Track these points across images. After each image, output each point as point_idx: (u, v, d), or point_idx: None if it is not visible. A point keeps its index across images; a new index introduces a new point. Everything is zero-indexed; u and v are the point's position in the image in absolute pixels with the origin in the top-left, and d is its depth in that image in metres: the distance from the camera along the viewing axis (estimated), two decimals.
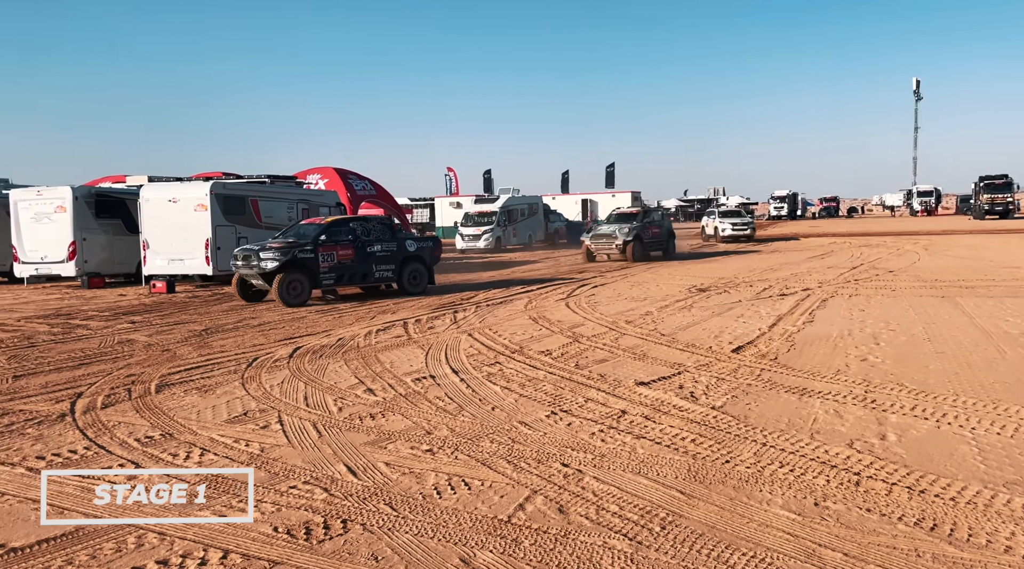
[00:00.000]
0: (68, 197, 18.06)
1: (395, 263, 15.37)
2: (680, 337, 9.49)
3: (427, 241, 16.60)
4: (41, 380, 7.69)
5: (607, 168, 57.92)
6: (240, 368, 8.16)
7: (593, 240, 24.03)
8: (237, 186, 19.63)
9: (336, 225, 15.09)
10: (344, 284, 14.93)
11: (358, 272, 14.82)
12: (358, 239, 14.88)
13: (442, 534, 3.83)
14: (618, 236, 23.22)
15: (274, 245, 14.19)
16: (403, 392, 6.93)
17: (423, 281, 15.93)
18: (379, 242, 15.21)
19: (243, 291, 14.76)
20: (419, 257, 15.93)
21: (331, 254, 14.42)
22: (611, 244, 23.39)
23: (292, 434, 5.68)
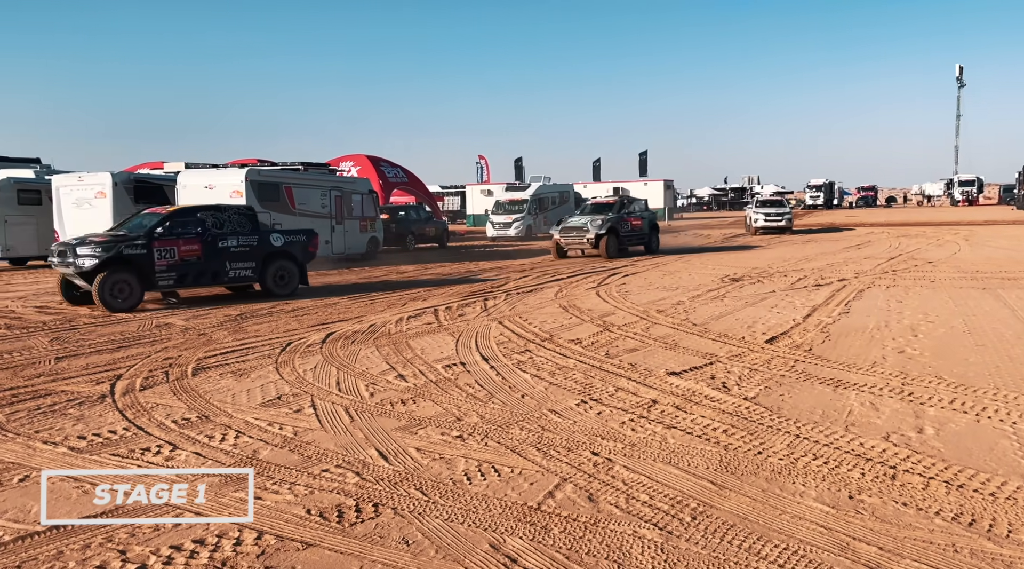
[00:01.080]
0: (108, 183, 18.42)
1: (255, 260, 13.24)
2: (712, 327, 9.40)
3: (298, 235, 14.24)
4: (82, 362, 7.88)
5: (640, 155, 57.46)
6: (274, 353, 8.28)
7: (563, 233, 21.25)
8: (272, 173, 19.88)
9: (179, 215, 12.77)
10: (189, 285, 12.77)
11: (207, 271, 12.70)
12: (207, 232, 12.76)
13: (472, 520, 3.85)
14: (590, 229, 20.60)
15: (96, 239, 12.11)
16: (434, 379, 6.97)
17: (293, 281, 13.74)
18: (235, 236, 13.07)
19: (67, 293, 12.45)
20: (287, 253, 13.72)
21: (170, 250, 12.24)
22: (582, 238, 20.76)
23: (325, 418, 5.75)
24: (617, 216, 21.35)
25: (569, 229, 21.08)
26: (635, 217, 22.14)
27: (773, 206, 33.33)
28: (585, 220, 21.02)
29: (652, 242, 23.09)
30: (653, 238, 23.22)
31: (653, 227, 23.24)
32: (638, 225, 22.17)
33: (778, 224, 31.49)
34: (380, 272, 18.50)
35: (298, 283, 13.91)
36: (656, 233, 23.47)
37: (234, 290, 13.94)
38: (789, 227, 31.64)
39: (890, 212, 58.29)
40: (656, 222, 23.63)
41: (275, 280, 13.55)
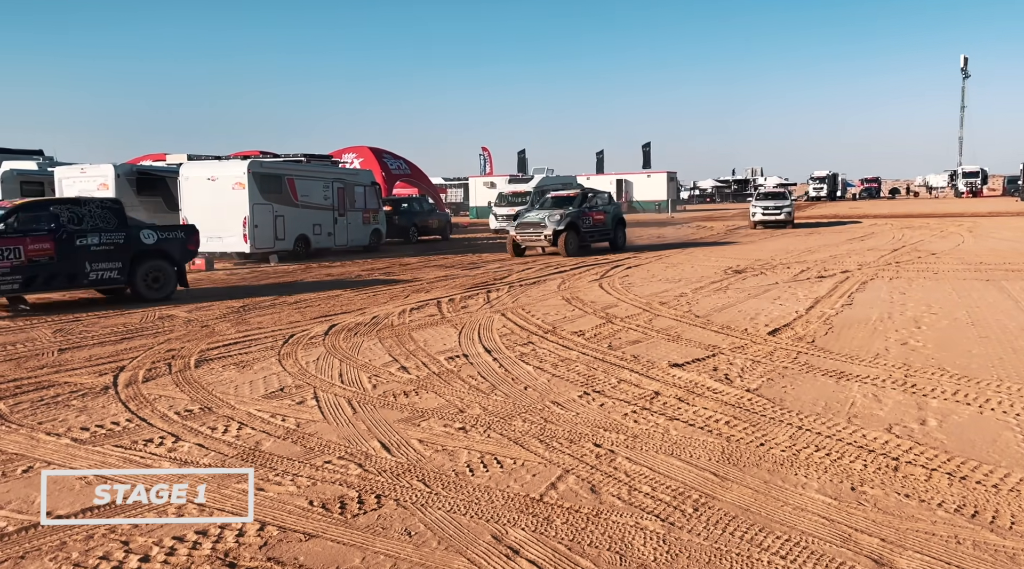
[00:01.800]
0: (110, 175, 18.42)
1: (122, 260, 11.67)
2: (715, 319, 9.39)
3: (175, 231, 12.82)
4: (85, 354, 7.89)
5: (643, 147, 57.34)
6: (277, 344, 8.28)
7: (519, 229, 19.33)
8: (274, 165, 19.86)
9: (26, 210, 11.09)
10: (40, 289, 11.11)
11: (61, 272, 11.05)
12: (62, 228, 11.09)
13: (474, 511, 3.85)
14: (547, 224, 18.76)
15: None
16: (436, 370, 6.97)
17: (168, 284, 12.25)
18: (97, 232, 11.43)
19: None
20: (161, 252, 12.21)
21: (14, 249, 10.58)
22: (539, 234, 18.92)
23: (327, 410, 5.76)
24: (578, 210, 19.50)
25: (526, 225, 19.22)
26: (597, 212, 20.24)
27: (773, 199, 31.76)
28: (543, 215, 19.08)
29: (618, 238, 21.21)
30: (619, 234, 21.34)
31: (619, 222, 21.42)
32: (601, 220, 20.28)
33: (776, 217, 30.23)
34: (382, 264, 18.51)
35: (175, 285, 12.41)
36: (622, 228, 21.62)
37: (105, 293, 12.45)
38: (789, 220, 30.24)
39: (893, 204, 58.12)
40: (622, 217, 21.86)
41: (147, 282, 12.01)
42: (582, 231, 19.33)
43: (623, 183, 49.71)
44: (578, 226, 19.19)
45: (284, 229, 18.91)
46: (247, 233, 17.90)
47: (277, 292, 13.00)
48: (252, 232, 17.96)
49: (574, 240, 18.98)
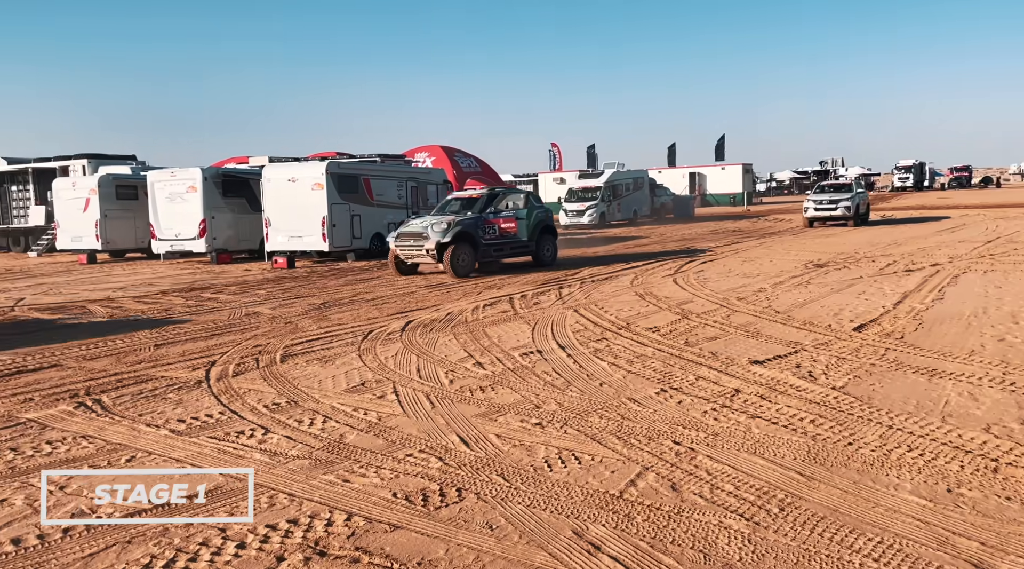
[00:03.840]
0: (198, 178, 19.24)
1: None
2: (796, 315, 9.13)
3: None
4: (179, 349, 8.28)
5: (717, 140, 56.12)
6: (356, 340, 8.50)
7: (398, 241, 15.15)
8: (350, 165, 20.35)
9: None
10: None
11: None
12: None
13: (554, 506, 3.87)
14: (430, 235, 14.46)
15: None
16: (511, 366, 7.02)
17: None
18: None
19: None
20: None
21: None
22: (420, 247, 14.64)
23: (407, 404, 5.88)
24: (475, 217, 15.10)
25: (407, 235, 14.99)
26: (505, 218, 15.59)
27: (832, 191, 26.83)
28: (427, 223, 14.88)
29: (543, 252, 16.37)
30: (545, 247, 16.46)
31: (545, 231, 16.52)
32: (510, 229, 15.60)
33: (831, 213, 25.29)
34: None
35: None
36: (551, 239, 16.75)
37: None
38: (852, 216, 25.10)
39: (986, 193, 55.14)
40: (551, 224, 16.94)
41: None
42: (482, 243, 15.03)
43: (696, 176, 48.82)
44: (473, 237, 14.81)
45: (360, 228, 19.35)
46: (325, 232, 18.40)
47: (355, 289, 13.32)
48: (330, 231, 18.46)
49: (467, 256, 14.65)
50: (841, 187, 27.39)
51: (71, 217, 21.25)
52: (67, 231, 21.52)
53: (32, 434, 5.31)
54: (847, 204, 25.09)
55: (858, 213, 25.53)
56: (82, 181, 21.55)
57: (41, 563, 3.41)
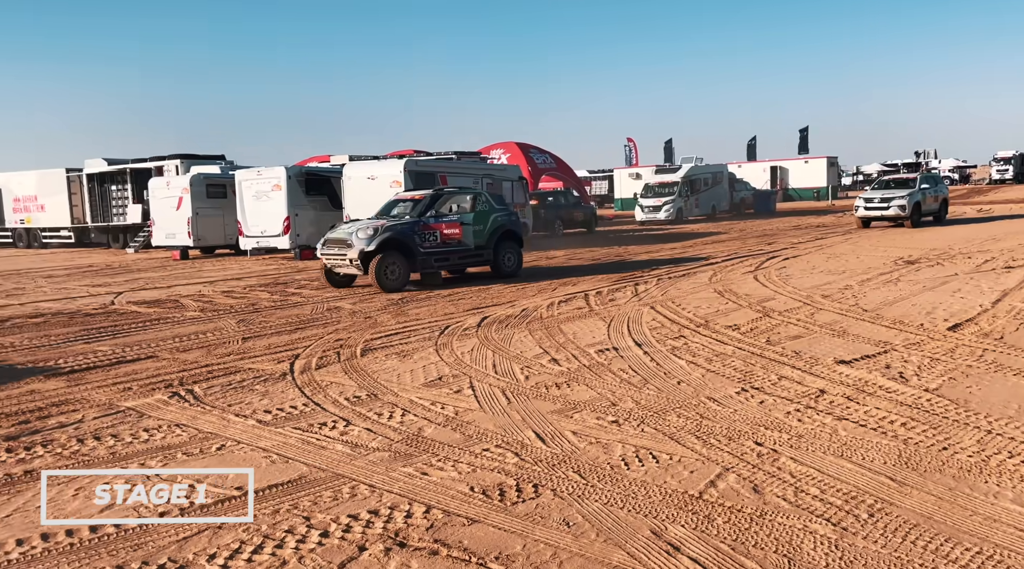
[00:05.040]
0: (283, 176, 19.89)
1: None
2: (885, 313, 8.76)
3: None
4: (265, 342, 8.59)
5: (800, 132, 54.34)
6: (433, 335, 8.62)
7: (324, 249, 13.44)
8: (428, 163, 20.65)
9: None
10: None
11: None
12: None
13: (632, 505, 3.83)
14: (355, 242, 12.61)
15: None
16: (587, 363, 6.99)
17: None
18: None
19: None
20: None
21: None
22: (343, 256, 12.88)
23: (483, 399, 5.93)
24: (410, 222, 13.06)
25: (332, 242, 13.23)
26: (449, 223, 13.46)
27: (890, 188, 23.68)
28: (353, 229, 12.95)
29: (502, 261, 14.21)
30: (505, 255, 14.27)
31: (506, 237, 14.30)
32: (454, 236, 13.49)
33: (882, 212, 22.50)
34: (529, 257, 18.74)
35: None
36: (514, 247, 14.55)
37: None
38: (907, 216, 22.13)
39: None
40: (514, 229, 14.63)
41: None
42: (420, 252, 13.00)
43: (777, 170, 47.38)
44: (408, 245, 12.86)
45: None
46: None
47: (432, 285, 13.51)
48: None
49: (398, 267, 12.73)
50: (901, 183, 24.05)
51: (165, 215, 22.32)
52: (161, 228, 22.61)
53: (131, 422, 5.60)
54: (901, 202, 22.26)
55: (919, 212, 22.75)
56: (175, 180, 22.61)
57: (141, 544, 3.60)
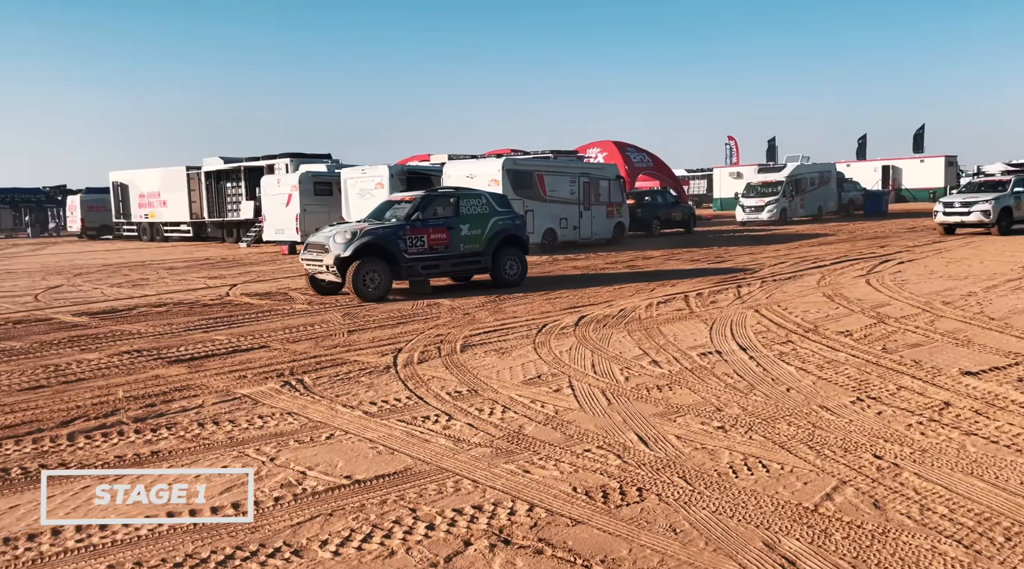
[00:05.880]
0: (385, 175, 20.44)
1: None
2: (1015, 322, 8.14)
3: None
4: (369, 335, 8.83)
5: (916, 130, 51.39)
6: (531, 333, 8.63)
7: (305, 253, 12.82)
8: (525, 162, 20.76)
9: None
10: None
11: None
12: None
13: (741, 514, 3.70)
14: (332, 247, 11.86)
15: None
16: (689, 366, 6.82)
17: None
18: None
19: None
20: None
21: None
22: (320, 262, 12.11)
23: (583, 399, 5.88)
24: (395, 226, 12.17)
25: (312, 246, 12.56)
26: (436, 227, 12.42)
27: (975, 191, 21.68)
28: (332, 233, 12.19)
29: (503, 269, 13.13)
30: (507, 263, 13.20)
31: (507, 242, 13.21)
32: (441, 241, 12.48)
33: (963, 218, 20.66)
34: (626, 257, 18.53)
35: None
36: (517, 253, 13.40)
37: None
38: (992, 222, 20.30)
39: None
40: (517, 234, 13.47)
41: None
42: (405, 258, 12.06)
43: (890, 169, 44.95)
44: (390, 251, 11.97)
45: (533, 223, 19.68)
46: None
47: (526, 283, 13.55)
48: None
49: (378, 274, 11.80)
50: (992, 186, 21.86)
51: (275, 211, 23.34)
52: (272, 224, 23.66)
53: (246, 408, 5.87)
54: (985, 208, 20.32)
55: (1008, 218, 20.59)
56: (285, 178, 23.61)
57: (258, 526, 3.76)
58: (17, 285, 15.61)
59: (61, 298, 13.29)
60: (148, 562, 3.41)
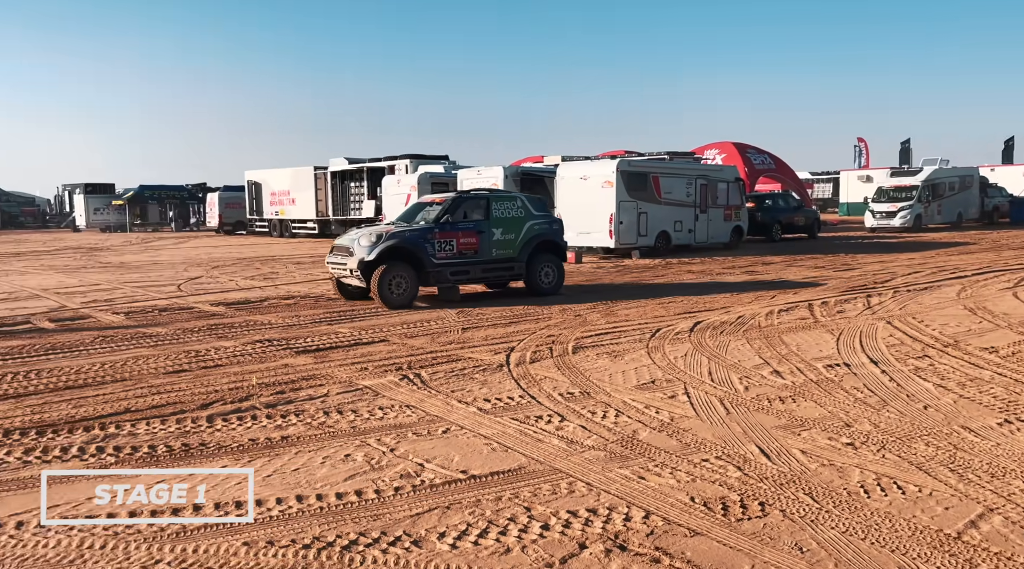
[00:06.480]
0: (500, 175, 20.69)
1: None
2: None
3: None
4: (482, 333, 8.96)
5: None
6: (644, 338, 8.50)
7: (330, 256, 12.12)
8: (640, 163, 20.48)
9: None
10: None
11: None
12: None
13: (874, 537, 3.49)
14: (356, 250, 11.29)
15: None
16: (814, 378, 6.51)
17: None
18: None
19: None
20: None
21: None
22: (344, 265, 11.52)
23: (699, 407, 5.73)
24: (422, 229, 11.56)
25: (338, 249, 11.93)
26: (467, 231, 11.80)
27: None
28: (356, 235, 11.64)
29: (538, 276, 12.39)
30: (542, 270, 12.44)
31: (542, 248, 12.48)
32: (471, 245, 11.81)
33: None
34: (744, 262, 17.93)
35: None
36: (552, 260, 12.62)
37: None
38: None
39: None
40: (554, 239, 12.69)
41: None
42: (432, 263, 11.44)
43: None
44: (416, 256, 11.35)
45: (647, 225, 19.39)
46: (612, 229, 18.73)
47: (639, 287, 13.36)
48: (617, 228, 18.74)
49: (404, 280, 11.17)
50: None
51: (394, 210, 24.10)
52: None
53: (367, 399, 6.09)
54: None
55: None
56: (405, 178, 24.35)
57: (379, 514, 3.88)
58: (163, 275, 16.89)
59: (200, 288, 14.28)
60: (279, 542, 3.59)
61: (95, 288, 14.42)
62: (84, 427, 5.38)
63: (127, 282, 15.50)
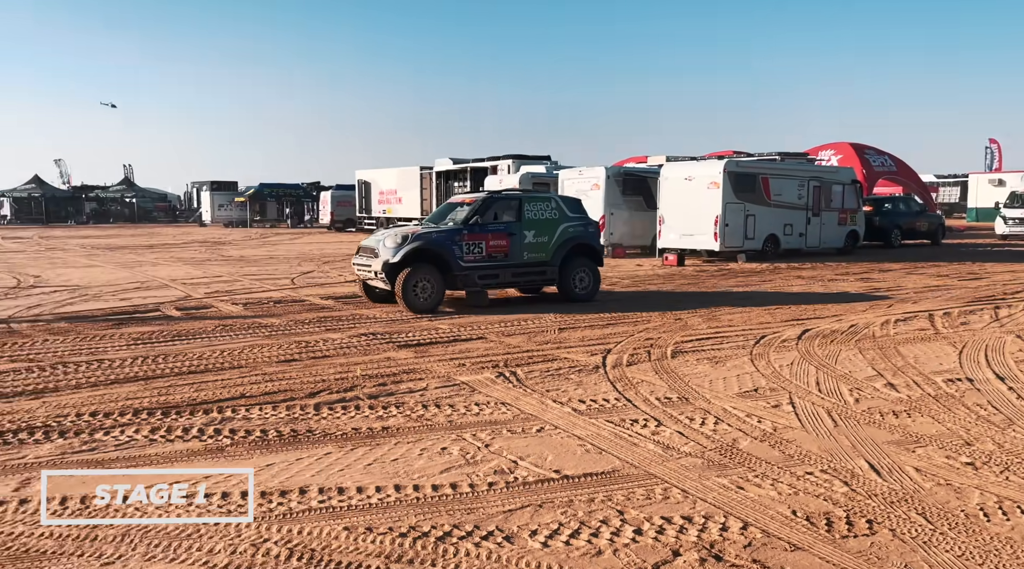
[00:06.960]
0: (602, 176, 20.56)
1: None
2: None
3: None
4: (578, 334, 8.94)
5: None
6: (747, 344, 8.24)
7: (356, 257, 11.72)
8: (749, 164, 19.86)
9: None
10: None
11: None
12: None
13: (993, 563, 3.26)
14: (381, 252, 10.83)
15: None
16: (932, 393, 6.13)
17: None
18: None
19: None
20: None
21: None
22: (369, 267, 11.09)
23: (805, 418, 5.51)
24: (449, 230, 11.09)
25: (363, 250, 11.51)
26: (497, 233, 11.24)
27: None
28: (382, 236, 11.23)
29: (571, 282, 11.79)
30: (576, 275, 11.83)
31: (577, 251, 11.87)
32: (501, 248, 11.25)
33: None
34: (858, 268, 17.07)
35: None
36: (588, 264, 11.98)
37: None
38: None
39: None
40: (589, 242, 12.09)
41: None
42: (460, 266, 10.95)
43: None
44: (443, 258, 10.88)
45: (754, 228, 18.78)
46: (717, 231, 18.24)
47: (742, 292, 12.96)
48: (722, 231, 18.24)
49: (429, 283, 10.68)
50: None
51: None
52: None
53: (464, 395, 6.20)
54: None
55: None
56: (507, 178, 24.56)
57: (472, 508, 3.95)
58: (278, 269, 17.77)
59: (312, 282, 14.93)
60: (377, 529, 3.72)
61: (217, 279, 15.35)
62: (204, 410, 5.74)
63: (246, 275, 16.40)
